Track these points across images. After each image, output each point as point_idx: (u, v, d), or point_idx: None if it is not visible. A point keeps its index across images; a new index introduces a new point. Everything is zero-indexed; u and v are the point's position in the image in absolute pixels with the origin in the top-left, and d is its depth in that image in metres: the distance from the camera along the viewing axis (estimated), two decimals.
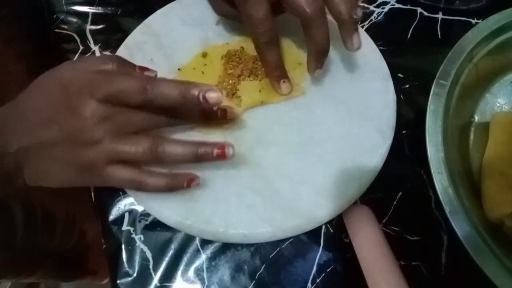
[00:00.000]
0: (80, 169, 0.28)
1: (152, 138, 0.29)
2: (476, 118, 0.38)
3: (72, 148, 0.28)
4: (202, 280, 0.32)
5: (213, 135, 0.35)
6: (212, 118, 0.33)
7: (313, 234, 0.33)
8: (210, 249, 0.33)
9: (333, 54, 0.39)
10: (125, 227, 0.34)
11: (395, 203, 0.35)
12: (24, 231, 0.46)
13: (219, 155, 0.29)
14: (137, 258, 0.33)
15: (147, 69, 0.32)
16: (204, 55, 0.39)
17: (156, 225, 0.34)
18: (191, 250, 0.33)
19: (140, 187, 0.30)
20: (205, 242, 0.33)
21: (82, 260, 0.63)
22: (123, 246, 0.33)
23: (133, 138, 0.28)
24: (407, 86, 0.40)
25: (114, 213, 0.34)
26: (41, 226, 0.50)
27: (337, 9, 0.31)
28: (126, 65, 0.31)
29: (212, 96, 0.27)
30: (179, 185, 0.30)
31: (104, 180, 0.29)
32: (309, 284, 0.32)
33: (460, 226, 0.29)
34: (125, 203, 0.35)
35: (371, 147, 0.35)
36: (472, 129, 0.37)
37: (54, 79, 0.29)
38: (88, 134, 0.27)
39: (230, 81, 0.37)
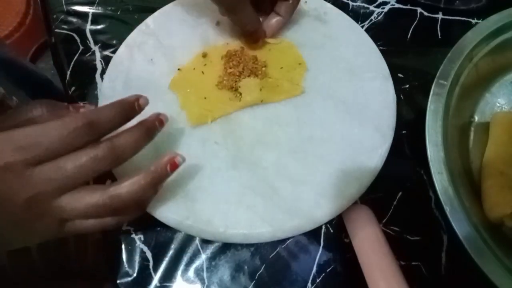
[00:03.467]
0: (44, 236, 0.27)
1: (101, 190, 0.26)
2: (476, 118, 0.38)
3: (28, 226, 0.25)
4: (202, 280, 0.32)
5: (214, 135, 0.35)
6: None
7: (313, 234, 0.33)
8: (210, 249, 0.33)
9: (333, 54, 0.39)
10: (125, 227, 0.34)
11: (395, 203, 0.35)
12: (39, 254, 0.45)
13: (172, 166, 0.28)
14: (137, 258, 0.33)
15: (81, 106, 0.29)
16: (204, 55, 0.39)
17: (156, 225, 0.33)
18: (191, 250, 0.33)
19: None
20: (205, 242, 0.33)
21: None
22: (123, 246, 0.33)
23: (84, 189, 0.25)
24: (407, 86, 0.40)
25: None
26: (54, 244, 0.49)
27: None
28: (57, 107, 0.28)
29: (143, 102, 0.28)
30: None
31: (80, 231, 0.27)
32: (309, 284, 0.32)
33: (460, 226, 0.29)
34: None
35: (371, 147, 0.35)
36: (472, 129, 0.37)
37: None
38: (37, 208, 0.24)
39: (231, 79, 0.37)
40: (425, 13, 0.44)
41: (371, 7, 0.45)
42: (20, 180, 0.23)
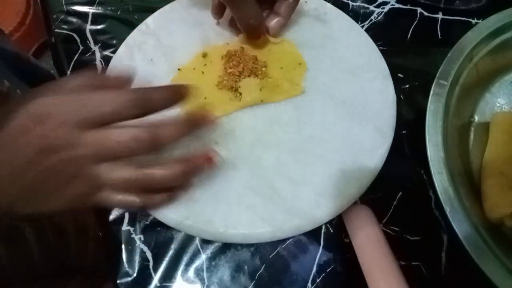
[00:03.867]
0: (77, 200, 0.27)
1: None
2: (476, 118, 0.38)
3: (61, 187, 0.26)
4: (202, 280, 0.32)
5: (213, 134, 0.35)
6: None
7: (313, 234, 0.33)
8: (210, 249, 0.33)
9: (333, 54, 0.39)
10: (125, 227, 0.34)
11: (395, 203, 0.35)
12: (39, 251, 0.45)
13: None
14: (137, 258, 0.33)
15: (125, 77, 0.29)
16: (204, 55, 0.39)
17: (156, 225, 0.34)
18: (191, 250, 0.33)
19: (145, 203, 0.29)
20: (205, 242, 0.33)
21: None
22: (123, 246, 0.33)
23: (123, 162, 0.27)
24: (407, 86, 0.40)
25: (114, 213, 0.34)
26: (54, 239, 0.49)
27: None
28: (101, 77, 0.29)
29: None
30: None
31: (108, 204, 0.28)
32: (309, 284, 0.32)
33: (460, 226, 0.29)
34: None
35: (371, 147, 0.35)
36: (472, 129, 0.37)
37: (28, 117, 0.25)
38: (76, 169, 0.25)
39: (231, 79, 0.37)
40: (425, 13, 0.44)
41: (371, 7, 0.45)
42: (67, 139, 0.25)
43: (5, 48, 0.54)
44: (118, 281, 0.32)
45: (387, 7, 0.45)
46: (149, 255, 0.33)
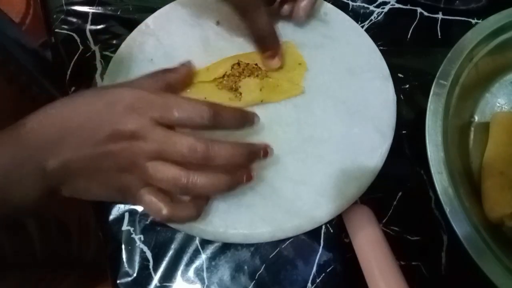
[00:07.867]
0: (118, 191, 0.28)
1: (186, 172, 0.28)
2: (476, 118, 0.38)
3: (111, 173, 0.27)
4: (202, 280, 0.32)
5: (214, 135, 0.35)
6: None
7: (313, 234, 0.33)
8: (210, 249, 0.33)
9: (333, 54, 0.39)
10: (125, 227, 0.34)
11: (395, 203, 0.35)
12: (40, 244, 0.45)
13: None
14: (137, 258, 0.33)
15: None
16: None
17: (156, 225, 0.33)
18: (191, 250, 0.33)
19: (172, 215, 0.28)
20: (205, 242, 0.33)
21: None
22: (123, 246, 0.33)
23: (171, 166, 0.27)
24: (407, 86, 0.40)
25: (114, 213, 0.34)
26: (57, 236, 0.49)
27: None
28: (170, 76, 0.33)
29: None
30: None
31: (140, 203, 0.29)
32: (309, 284, 0.32)
33: (460, 226, 0.29)
34: (125, 203, 0.35)
35: (371, 147, 0.35)
36: (472, 129, 0.37)
37: (105, 97, 0.27)
38: (133, 160, 0.27)
39: (231, 79, 0.37)
40: (425, 13, 0.44)
41: (371, 7, 0.45)
42: (139, 130, 0.26)
43: (25, 44, 0.55)
44: (118, 281, 0.32)
45: (387, 7, 0.45)
46: (149, 255, 0.33)
